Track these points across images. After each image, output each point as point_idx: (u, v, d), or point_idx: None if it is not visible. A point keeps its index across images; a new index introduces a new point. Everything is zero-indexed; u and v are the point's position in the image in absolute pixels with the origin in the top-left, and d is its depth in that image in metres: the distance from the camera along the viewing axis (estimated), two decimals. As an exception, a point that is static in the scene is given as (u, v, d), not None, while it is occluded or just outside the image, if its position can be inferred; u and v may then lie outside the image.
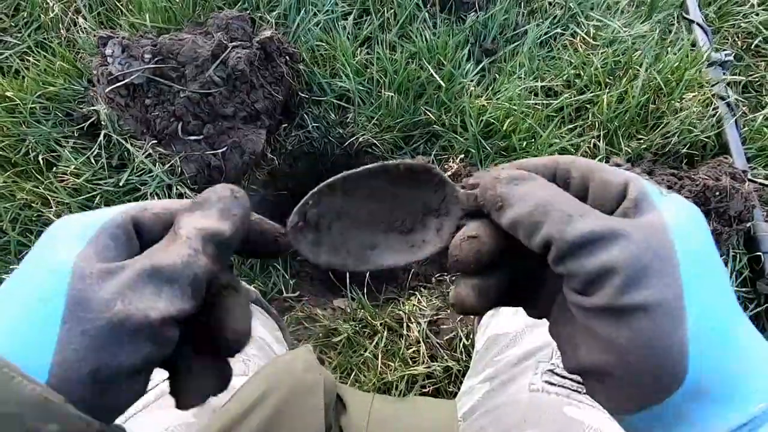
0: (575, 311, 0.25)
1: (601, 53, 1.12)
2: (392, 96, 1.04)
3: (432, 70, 1.05)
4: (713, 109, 1.07)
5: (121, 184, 0.94)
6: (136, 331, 0.21)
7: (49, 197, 0.92)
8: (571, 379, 0.55)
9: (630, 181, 0.26)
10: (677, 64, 1.09)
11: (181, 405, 0.25)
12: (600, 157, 1.01)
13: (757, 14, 1.26)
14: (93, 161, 0.97)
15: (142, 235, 0.26)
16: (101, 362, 0.21)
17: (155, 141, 0.96)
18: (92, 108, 1.00)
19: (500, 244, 0.28)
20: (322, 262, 0.30)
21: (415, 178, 0.30)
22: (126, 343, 0.21)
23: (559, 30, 1.18)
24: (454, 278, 0.96)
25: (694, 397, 0.22)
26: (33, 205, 0.92)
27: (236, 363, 0.59)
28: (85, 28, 1.11)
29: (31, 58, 1.09)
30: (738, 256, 0.95)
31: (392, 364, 0.87)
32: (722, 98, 1.08)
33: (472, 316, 0.92)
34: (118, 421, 0.24)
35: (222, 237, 0.25)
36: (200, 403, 0.26)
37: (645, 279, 0.22)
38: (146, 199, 0.94)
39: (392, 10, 1.14)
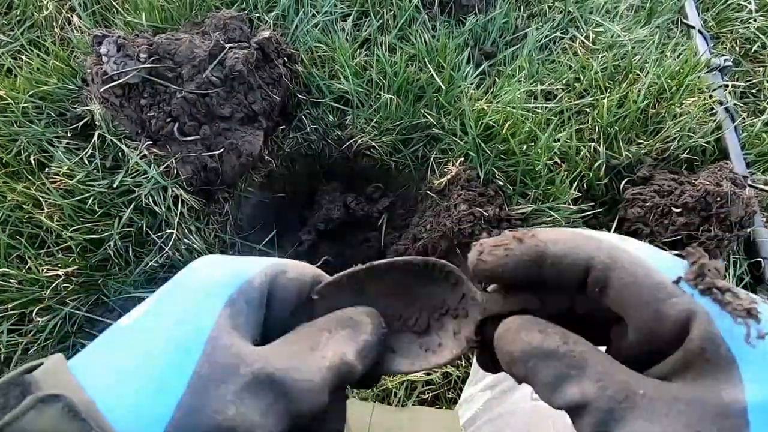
0: None
1: (601, 57, 1.12)
2: (391, 98, 1.03)
3: (432, 73, 1.04)
4: (713, 115, 1.07)
5: (115, 185, 0.92)
6: None
7: (41, 198, 0.90)
8: None
9: (693, 319, 0.19)
10: (677, 68, 1.09)
11: None
12: (600, 161, 1.01)
13: (755, 20, 1.26)
14: (86, 162, 0.95)
15: (274, 297, 0.25)
16: None
17: (150, 142, 0.95)
18: (86, 108, 0.98)
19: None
20: None
21: (430, 274, 0.28)
22: None
23: (558, 34, 1.17)
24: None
25: None
26: (24, 206, 0.90)
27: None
28: (79, 26, 1.10)
29: (24, 57, 1.07)
30: (738, 261, 0.94)
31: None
32: (721, 103, 1.08)
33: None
34: None
35: (352, 378, 0.24)
36: None
37: None
38: (140, 201, 0.92)
39: (391, 12, 1.13)
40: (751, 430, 0.17)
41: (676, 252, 0.22)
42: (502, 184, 0.98)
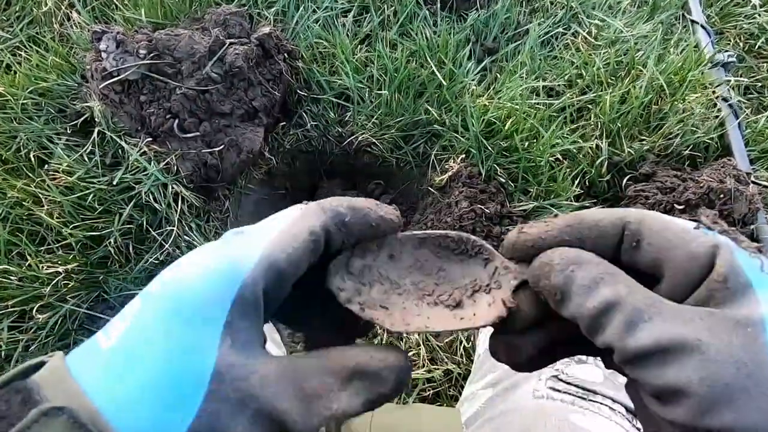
0: (653, 411, 0.22)
1: (603, 53, 1.11)
2: (392, 95, 1.03)
3: (433, 69, 1.04)
4: (716, 111, 1.07)
5: (115, 182, 0.92)
6: None
7: (41, 195, 0.90)
8: (576, 386, 0.54)
9: (718, 250, 0.21)
10: (680, 64, 1.08)
11: None
12: (602, 158, 1.00)
13: (760, 15, 1.25)
14: (86, 159, 0.94)
15: (267, 294, 0.23)
16: None
17: (150, 139, 0.94)
18: (86, 104, 0.98)
19: (541, 312, 0.26)
20: (365, 315, 0.27)
21: (464, 249, 0.29)
22: None
23: (560, 29, 1.17)
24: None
25: None
26: (24, 203, 0.90)
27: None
28: (78, 22, 1.09)
29: (23, 53, 1.06)
30: (741, 259, 0.94)
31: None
32: (725, 99, 1.07)
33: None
34: None
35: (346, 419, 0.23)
36: None
37: (728, 401, 0.19)
38: (140, 198, 0.92)
39: (392, 8, 1.12)
40: (766, 336, 0.19)
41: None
42: (503, 180, 0.98)
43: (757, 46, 1.23)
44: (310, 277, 0.26)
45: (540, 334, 0.27)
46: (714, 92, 1.08)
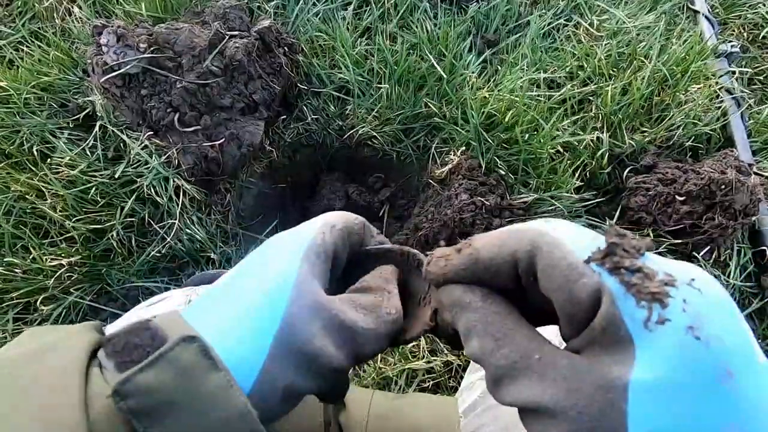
0: None
1: (605, 44, 1.10)
2: (392, 88, 1.03)
3: (433, 62, 1.03)
4: (719, 102, 1.06)
5: (116, 176, 0.92)
6: (320, 368, 0.26)
7: (44, 189, 0.91)
8: None
9: (602, 298, 0.20)
10: (683, 55, 1.07)
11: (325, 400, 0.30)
12: (603, 150, 1.00)
13: (764, 5, 1.24)
14: (88, 153, 0.95)
15: (336, 248, 0.31)
16: (293, 382, 0.26)
17: (151, 132, 0.95)
18: (87, 99, 0.98)
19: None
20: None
21: (410, 263, 0.34)
22: (312, 372, 0.26)
23: (562, 21, 1.16)
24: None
25: None
26: (27, 197, 0.91)
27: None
28: (79, 17, 1.09)
29: (25, 48, 1.07)
30: (743, 250, 0.94)
31: (391, 358, 0.87)
32: (728, 91, 1.06)
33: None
34: None
35: (398, 327, 0.30)
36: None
37: None
38: (142, 191, 0.93)
39: (392, 0, 1.12)
40: (629, 405, 0.18)
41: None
42: (503, 173, 0.98)
43: (761, 37, 1.22)
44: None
45: None
46: (717, 83, 1.07)
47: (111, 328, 0.33)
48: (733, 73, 1.10)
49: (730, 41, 1.14)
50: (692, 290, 0.20)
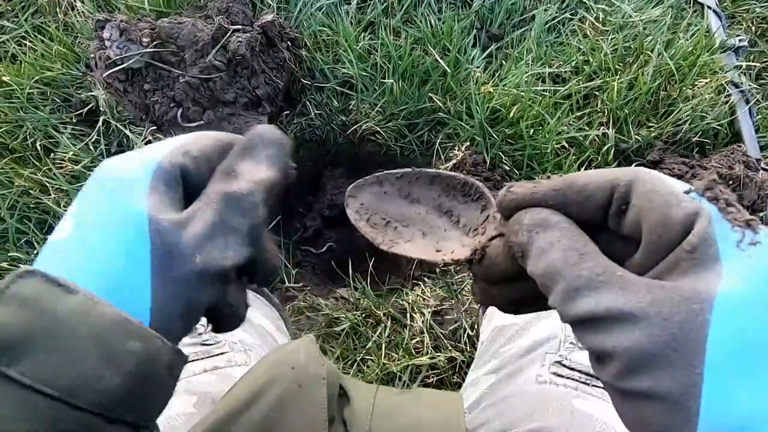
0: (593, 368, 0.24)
1: (611, 39, 1.09)
2: (396, 83, 1.02)
3: (437, 56, 1.03)
4: (726, 97, 1.05)
5: (120, 171, 0.92)
6: (214, 276, 0.25)
7: (48, 184, 0.91)
8: (579, 371, 0.54)
9: (697, 218, 0.21)
10: (690, 49, 1.06)
11: (222, 329, 0.30)
12: (609, 145, 0.99)
13: (773, -1, 1.22)
14: (92, 148, 0.95)
15: (186, 179, 0.28)
16: (190, 302, 0.25)
17: (155, 127, 0.94)
18: (90, 93, 0.98)
19: (516, 268, 0.27)
20: (361, 227, 0.34)
21: (466, 194, 0.33)
22: (207, 285, 0.25)
23: (567, 15, 1.15)
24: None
25: None
26: (31, 191, 0.91)
27: (237, 353, 0.57)
28: (82, 11, 1.09)
29: (28, 43, 1.07)
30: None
31: (395, 354, 0.86)
32: (735, 85, 1.05)
33: (476, 306, 0.91)
34: None
35: (277, 188, 0.28)
36: (236, 326, 0.30)
37: (648, 367, 0.20)
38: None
39: (396, -6, 1.11)
40: (713, 316, 0.19)
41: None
42: (508, 168, 0.97)
43: (769, 31, 1.20)
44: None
45: (513, 287, 0.29)
46: (724, 78, 1.06)
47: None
48: (741, 67, 1.09)
49: (738, 35, 1.13)
50: None
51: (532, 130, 0.98)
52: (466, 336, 0.87)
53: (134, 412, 0.23)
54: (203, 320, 0.51)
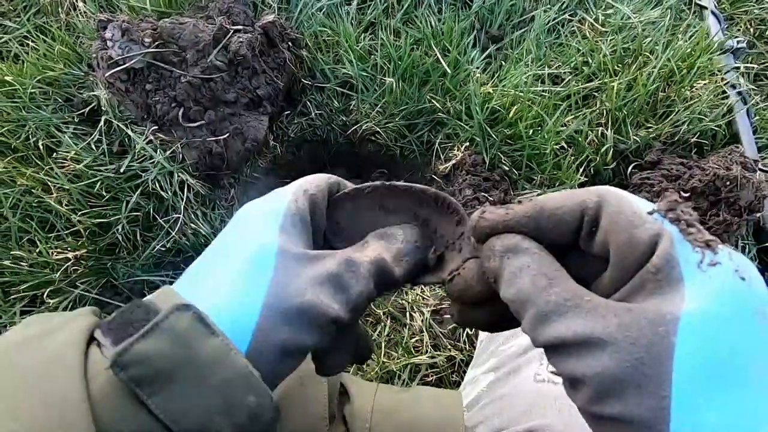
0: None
1: (610, 40, 1.10)
2: (396, 83, 1.02)
3: (438, 56, 1.03)
4: (724, 98, 1.05)
5: (122, 170, 0.93)
6: (317, 319, 0.26)
7: (50, 183, 0.91)
8: None
9: (659, 242, 0.21)
10: (689, 51, 1.06)
11: (321, 372, 0.31)
12: (608, 145, 1.00)
13: (771, 0, 1.23)
14: (93, 147, 0.95)
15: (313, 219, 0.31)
16: (289, 337, 0.26)
17: (156, 127, 0.95)
18: (92, 93, 0.98)
19: (490, 291, 0.28)
20: (336, 244, 0.33)
21: (438, 207, 0.33)
22: (308, 326, 0.26)
23: (567, 16, 1.15)
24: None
25: None
26: (33, 190, 0.91)
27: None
28: (84, 11, 1.10)
29: (30, 43, 1.07)
30: (747, 247, 0.93)
31: (395, 353, 0.87)
32: (734, 87, 1.06)
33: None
34: None
35: (392, 277, 0.30)
36: (335, 374, 0.32)
37: (619, 392, 0.20)
38: (147, 185, 0.93)
39: (397, -5, 1.12)
40: (678, 338, 0.20)
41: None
42: (507, 168, 0.98)
43: (767, 32, 1.21)
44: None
45: (488, 309, 0.30)
46: (723, 79, 1.07)
47: None
48: (739, 69, 1.10)
49: (737, 37, 1.14)
50: (732, 249, 0.22)
51: (531, 131, 0.99)
52: (465, 335, 0.88)
53: None
54: None
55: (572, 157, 0.99)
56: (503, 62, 1.10)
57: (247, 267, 0.26)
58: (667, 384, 0.19)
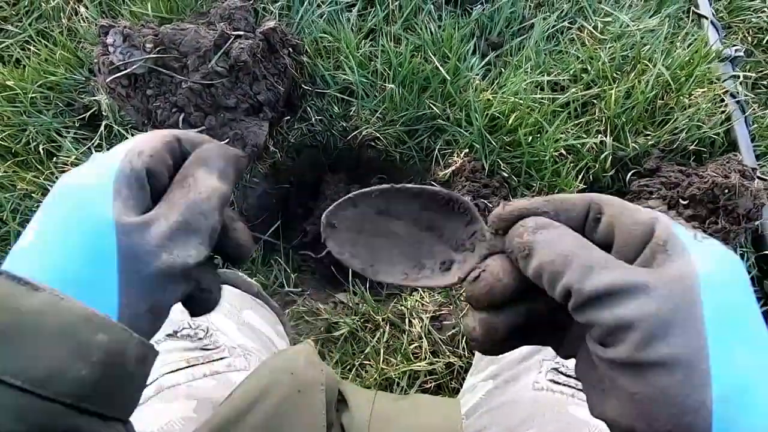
0: (597, 361, 0.25)
1: (609, 47, 1.11)
2: (396, 89, 1.03)
3: (437, 64, 1.04)
4: (722, 106, 1.06)
5: (122, 175, 0.93)
6: (178, 274, 0.27)
7: (50, 188, 0.91)
8: (576, 378, 0.54)
9: (657, 222, 0.25)
10: (687, 59, 1.07)
11: (196, 313, 0.32)
12: (606, 152, 1.00)
13: (769, 9, 1.23)
14: (94, 152, 0.96)
15: (148, 179, 0.29)
16: (156, 300, 0.26)
17: (156, 132, 0.95)
18: (93, 98, 0.99)
19: (517, 285, 0.28)
20: (345, 260, 0.32)
21: (450, 209, 0.32)
22: (172, 283, 0.27)
23: (566, 23, 1.16)
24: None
25: None
26: (33, 195, 0.91)
27: (237, 358, 0.58)
28: (86, 17, 1.10)
29: (32, 47, 1.08)
30: (746, 254, 0.94)
31: (394, 359, 0.87)
32: (732, 95, 1.06)
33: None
34: None
35: (227, 198, 0.31)
36: (211, 310, 0.32)
37: (665, 335, 0.22)
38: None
39: (397, 2, 1.12)
40: (701, 287, 0.22)
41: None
42: (506, 175, 0.98)
43: (765, 41, 1.22)
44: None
45: (514, 311, 0.29)
46: (721, 87, 1.07)
47: None
48: (738, 77, 1.10)
49: (735, 45, 1.14)
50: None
51: (530, 138, 0.99)
52: (464, 342, 0.88)
53: (104, 403, 0.24)
54: (206, 324, 0.52)
55: (571, 164, 0.99)
56: (503, 69, 1.10)
57: (86, 246, 0.25)
58: (702, 326, 0.21)
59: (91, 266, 0.25)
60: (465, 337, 0.88)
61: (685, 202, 0.88)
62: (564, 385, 0.53)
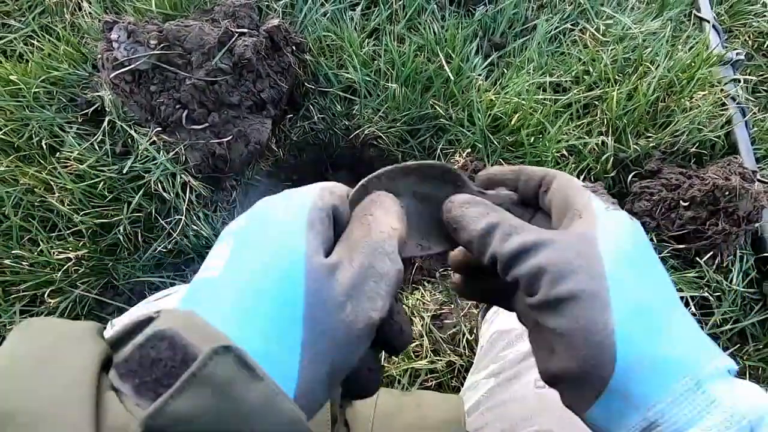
0: (531, 313, 0.28)
1: (611, 50, 1.11)
2: (399, 88, 1.03)
3: (442, 62, 1.04)
4: (723, 109, 1.06)
5: (124, 171, 0.93)
6: (362, 331, 0.24)
7: (52, 183, 0.91)
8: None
9: (580, 196, 0.31)
10: (689, 62, 1.08)
11: (358, 396, 0.31)
12: (608, 154, 1.00)
13: (770, 14, 1.24)
14: (96, 147, 0.96)
15: (335, 217, 0.29)
16: (336, 363, 0.24)
17: (160, 128, 0.95)
18: (96, 94, 0.99)
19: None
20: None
21: (443, 180, 0.35)
22: (354, 343, 0.24)
23: (568, 25, 1.17)
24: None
25: (630, 377, 0.25)
26: (36, 190, 0.91)
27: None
28: (90, 12, 1.10)
29: (35, 42, 1.08)
30: (745, 256, 0.94)
31: (395, 357, 0.87)
32: (733, 98, 1.07)
33: (475, 311, 0.92)
34: None
35: (403, 242, 0.29)
36: (373, 393, 0.31)
37: (570, 274, 0.26)
38: (149, 187, 0.93)
39: (400, 2, 1.13)
40: (599, 239, 0.28)
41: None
42: (508, 175, 0.98)
43: (766, 45, 1.23)
44: None
45: (478, 280, 0.37)
46: (722, 90, 1.08)
47: (118, 323, 0.33)
48: (738, 80, 1.11)
49: (736, 49, 1.15)
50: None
51: (532, 138, 1.00)
52: (465, 340, 0.88)
53: None
54: None
55: (573, 165, 0.99)
56: (505, 70, 1.11)
57: (277, 283, 0.23)
58: (600, 266, 0.26)
59: (279, 315, 0.23)
60: (465, 336, 0.89)
61: (685, 204, 0.89)
62: (565, 383, 0.54)
